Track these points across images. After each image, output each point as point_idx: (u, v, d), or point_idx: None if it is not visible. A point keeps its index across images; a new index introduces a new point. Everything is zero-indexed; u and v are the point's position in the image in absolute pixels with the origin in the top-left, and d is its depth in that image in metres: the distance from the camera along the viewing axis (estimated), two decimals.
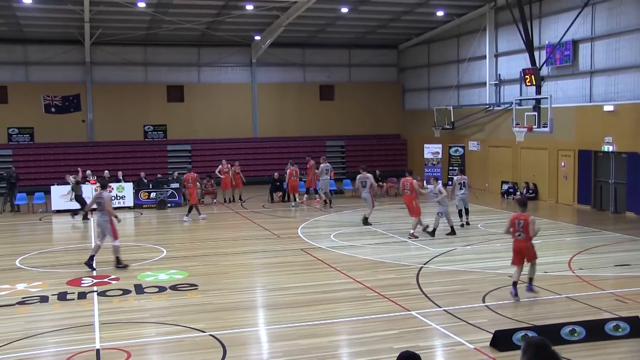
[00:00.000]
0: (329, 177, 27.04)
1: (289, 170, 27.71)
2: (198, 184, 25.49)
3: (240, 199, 29.12)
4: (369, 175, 22.61)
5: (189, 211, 24.21)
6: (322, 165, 26.99)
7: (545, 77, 26.74)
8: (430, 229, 19.56)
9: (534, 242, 12.75)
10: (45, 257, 17.65)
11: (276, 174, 29.27)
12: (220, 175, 28.78)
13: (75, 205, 25.00)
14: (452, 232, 19.71)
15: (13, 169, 28.07)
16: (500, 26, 30.89)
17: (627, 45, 23.93)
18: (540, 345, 4.65)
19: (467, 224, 21.29)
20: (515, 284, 12.46)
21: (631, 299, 12.42)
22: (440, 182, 20.84)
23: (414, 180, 20.18)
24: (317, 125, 38.70)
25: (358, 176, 22.72)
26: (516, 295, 12.37)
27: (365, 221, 21.92)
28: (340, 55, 39.12)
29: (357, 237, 19.64)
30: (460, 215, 21.38)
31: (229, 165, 29.12)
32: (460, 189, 21.21)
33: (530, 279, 12.78)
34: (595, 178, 25.17)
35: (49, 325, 11.52)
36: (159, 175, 30.55)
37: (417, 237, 19.17)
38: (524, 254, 12.59)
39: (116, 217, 16.15)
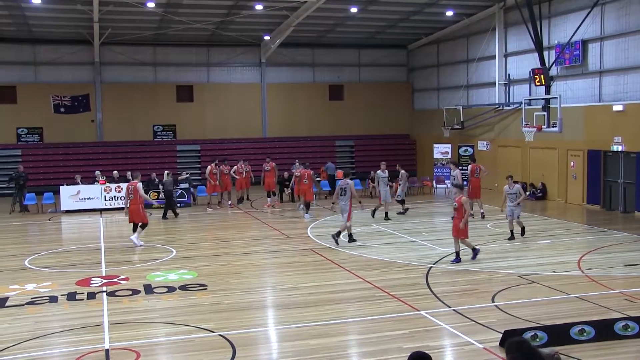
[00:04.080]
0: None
1: (301, 172, 25.65)
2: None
3: (247, 198, 29.07)
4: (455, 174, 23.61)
5: (307, 208, 24.43)
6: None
7: (555, 77, 26.69)
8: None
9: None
10: (54, 258, 17.72)
11: (286, 174, 29.25)
12: (235, 176, 28.39)
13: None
14: (512, 237, 18.88)
15: (21, 169, 28.03)
16: (510, 26, 30.82)
17: (636, 45, 23.82)
18: (519, 342, 5.16)
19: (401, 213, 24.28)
20: None
21: None
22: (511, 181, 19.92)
23: (482, 167, 23.82)
24: (327, 125, 38.72)
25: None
26: None
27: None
28: (349, 55, 39.12)
29: (366, 237, 19.62)
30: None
31: (243, 165, 28.96)
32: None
33: None
34: (604, 178, 25.08)
35: (58, 325, 11.56)
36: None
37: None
38: None
39: (360, 202, 19.79)
